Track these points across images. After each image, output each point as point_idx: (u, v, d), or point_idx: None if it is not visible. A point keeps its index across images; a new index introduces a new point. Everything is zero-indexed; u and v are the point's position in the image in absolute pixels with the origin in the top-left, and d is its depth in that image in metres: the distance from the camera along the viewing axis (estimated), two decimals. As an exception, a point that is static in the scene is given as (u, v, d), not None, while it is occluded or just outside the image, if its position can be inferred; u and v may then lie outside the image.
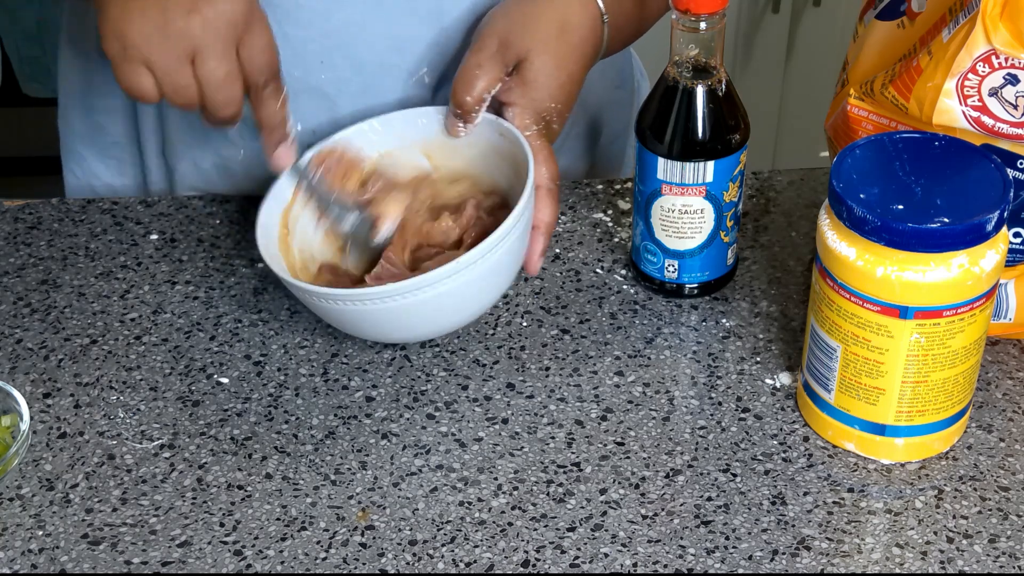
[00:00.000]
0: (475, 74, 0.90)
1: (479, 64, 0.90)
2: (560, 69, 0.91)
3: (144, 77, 0.83)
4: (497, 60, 0.91)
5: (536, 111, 0.91)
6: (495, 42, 0.91)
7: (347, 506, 0.83)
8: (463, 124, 0.93)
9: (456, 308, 0.88)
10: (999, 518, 0.81)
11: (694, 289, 0.96)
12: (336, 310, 0.86)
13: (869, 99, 0.88)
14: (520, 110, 0.91)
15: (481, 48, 0.91)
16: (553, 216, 0.90)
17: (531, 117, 0.91)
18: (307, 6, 0.96)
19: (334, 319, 0.88)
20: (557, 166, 0.91)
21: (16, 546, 0.81)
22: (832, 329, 0.81)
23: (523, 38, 0.90)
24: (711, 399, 0.89)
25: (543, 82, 0.91)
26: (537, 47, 0.90)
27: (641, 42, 1.08)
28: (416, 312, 0.85)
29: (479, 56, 0.91)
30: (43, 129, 1.24)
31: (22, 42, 2.16)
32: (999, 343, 0.93)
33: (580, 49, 0.93)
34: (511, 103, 0.91)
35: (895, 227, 0.76)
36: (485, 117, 0.92)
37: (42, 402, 0.90)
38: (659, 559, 0.79)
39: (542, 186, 0.90)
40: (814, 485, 0.83)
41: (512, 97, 0.91)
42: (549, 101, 0.91)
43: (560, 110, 0.92)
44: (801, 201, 1.06)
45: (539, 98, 0.91)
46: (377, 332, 0.89)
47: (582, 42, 0.93)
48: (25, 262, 1.02)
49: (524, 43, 0.90)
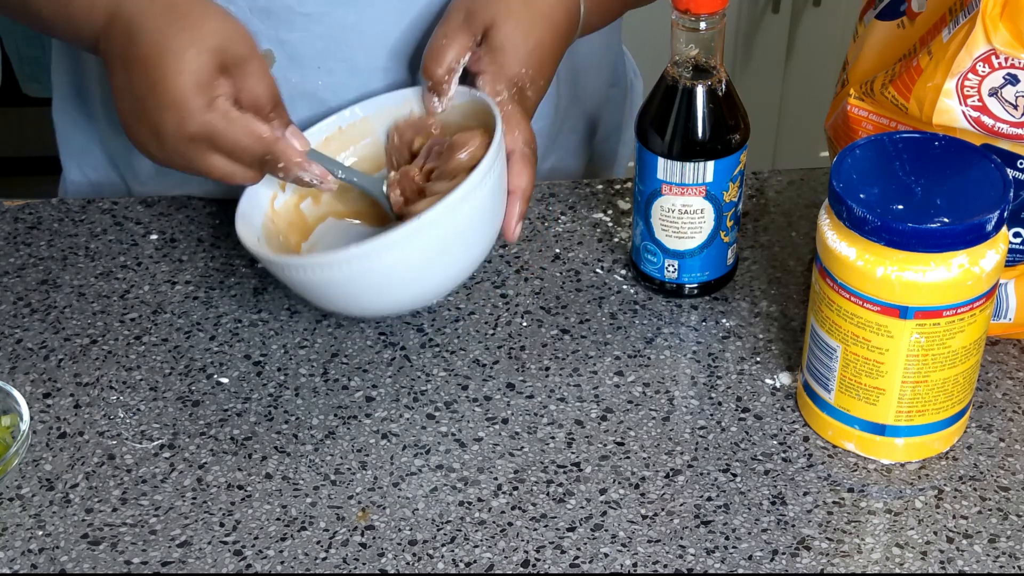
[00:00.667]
0: (442, 44, 0.90)
1: (446, 35, 0.91)
2: (527, 35, 0.91)
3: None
4: (464, 30, 0.91)
5: (507, 77, 0.90)
6: (461, 13, 0.91)
7: (347, 506, 0.83)
8: (438, 98, 0.92)
9: (428, 272, 0.85)
10: (999, 518, 0.81)
11: (694, 289, 0.96)
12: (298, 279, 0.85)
13: (869, 99, 0.88)
14: (490, 77, 0.90)
15: (448, 20, 0.91)
16: (530, 181, 0.89)
17: (502, 83, 0.90)
18: (302, 11, 0.96)
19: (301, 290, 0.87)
20: (532, 131, 0.90)
21: (16, 546, 0.81)
22: (832, 329, 0.81)
23: (487, 6, 0.90)
24: (711, 399, 0.89)
25: (510, 48, 0.90)
26: (501, 14, 0.90)
27: (640, 42, 1.08)
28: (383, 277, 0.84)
29: (446, 27, 0.91)
30: (43, 129, 1.24)
31: (22, 42, 2.16)
32: (999, 343, 0.93)
33: (549, 16, 0.92)
34: (481, 71, 0.91)
35: (895, 227, 0.76)
36: (459, 89, 0.92)
37: (42, 402, 0.90)
38: (659, 559, 0.79)
39: (515, 150, 0.89)
40: (814, 485, 0.83)
41: (481, 65, 0.91)
42: (519, 67, 0.91)
43: (532, 76, 0.91)
44: (801, 201, 1.06)
45: (508, 63, 0.90)
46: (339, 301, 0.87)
47: (551, 9, 0.92)
48: (25, 262, 1.02)
49: (489, 11, 0.90)
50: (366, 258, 0.82)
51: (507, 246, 1.02)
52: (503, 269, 1.00)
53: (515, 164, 0.89)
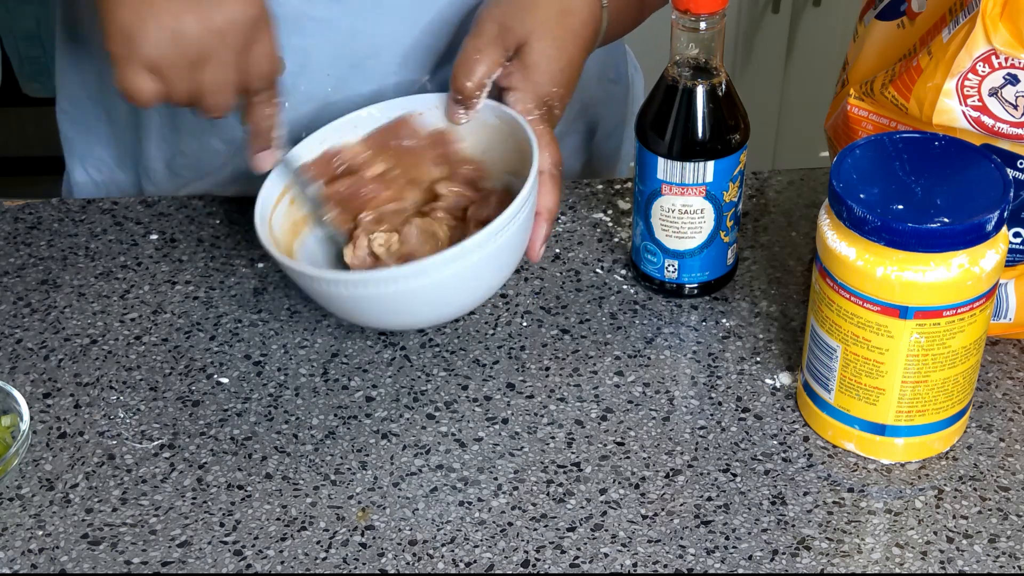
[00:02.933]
0: (475, 59, 0.90)
1: (478, 49, 0.90)
2: (560, 53, 0.91)
3: (145, 80, 0.82)
4: (497, 44, 0.90)
5: (537, 95, 0.90)
6: (495, 27, 0.90)
7: (347, 506, 0.83)
8: (464, 110, 0.92)
9: (458, 294, 0.87)
10: (999, 518, 0.81)
11: (694, 289, 0.96)
12: (333, 295, 0.85)
13: (869, 99, 0.88)
14: (521, 94, 0.90)
15: (480, 33, 0.90)
16: (556, 202, 0.90)
17: (533, 102, 0.90)
18: (312, 16, 0.96)
19: (332, 305, 0.87)
20: (559, 152, 0.91)
21: (16, 546, 0.81)
22: (832, 329, 0.81)
23: (523, 22, 0.90)
24: (711, 399, 0.89)
25: (544, 66, 0.90)
26: (537, 31, 0.90)
27: (640, 41, 1.08)
28: (417, 298, 0.85)
29: (478, 41, 0.90)
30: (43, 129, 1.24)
31: (22, 42, 2.16)
32: (999, 343, 0.93)
33: (580, 34, 0.92)
34: (512, 87, 0.90)
35: (895, 227, 0.76)
36: (486, 103, 0.92)
37: (42, 402, 0.90)
38: (659, 559, 0.79)
39: (544, 171, 0.89)
40: (814, 485, 0.83)
41: (513, 82, 0.90)
42: (550, 85, 0.91)
43: (561, 95, 0.91)
44: (801, 201, 1.06)
45: (540, 82, 0.90)
46: (377, 319, 0.88)
47: (582, 27, 0.92)
48: (25, 262, 1.02)
49: (524, 27, 0.90)
50: (401, 280, 0.83)
51: None
52: (503, 269, 1.00)
53: (544, 185, 0.89)
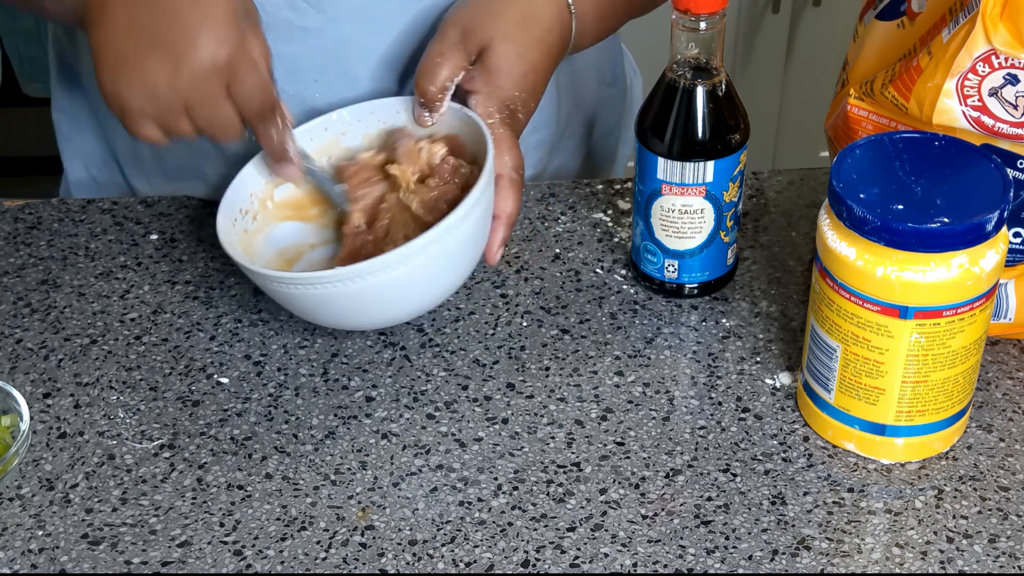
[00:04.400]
0: (437, 62, 0.90)
1: (441, 53, 0.91)
2: (522, 58, 0.91)
3: (150, 129, 0.85)
4: (459, 49, 0.90)
5: (500, 99, 0.91)
6: (457, 31, 0.91)
7: (347, 506, 0.83)
8: (428, 113, 0.93)
9: (409, 294, 0.86)
10: (999, 518, 0.81)
11: (694, 289, 0.96)
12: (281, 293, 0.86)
13: (869, 99, 0.88)
14: (483, 98, 0.90)
15: (443, 37, 0.91)
16: (515, 207, 0.90)
17: (494, 105, 0.90)
18: (300, 25, 0.97)
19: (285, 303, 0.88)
20: (521, 156, 0.91)
21: (16, 546, 0.81)
22: (832, 329, 0.81)
23: (485, 27, 0.90)
24: (711, 399, 0.89)
25: (506, 70, 0.90)
26: (499, 35, 0.90)
27: (639, 41, 1.08)
28: (367, 297, 0.84)
29: (441, 45, 0.91)
30: (43, 129, 1.24)
31: (22, 42, 2.16)
32: (999, 343, 0.93)
33: (544, 39, 0.92)
34: (474, 91, 0.91)
35: (895, 227, 0.76)
36: (451, 106, 0.92)
37: (42, 402, 0.90)
38: (659, 559, 0.79)
39: (504, 175, 0.89)
40: (814, 485, 0.83)
41: (475, 85, 0.91)
42: (512, 89, 0.91)
43: (525, 99, 0.92)
44: (801, 201, 1.06)
45: (502, 86, 0.90)
46: (325, 317, 0.88)
47: (546, 32, 0.92)
48: (25, 262, 1.02)
49: (486, 32, 0.90)
50: (352, 280, 0.83)
51: (507, 246, 1.02)
52: (503, 269, 1.00)
53: (502, 189, 0.89)
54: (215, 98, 0.83)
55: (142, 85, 0.83)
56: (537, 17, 0.92)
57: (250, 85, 0.84)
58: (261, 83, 0.84)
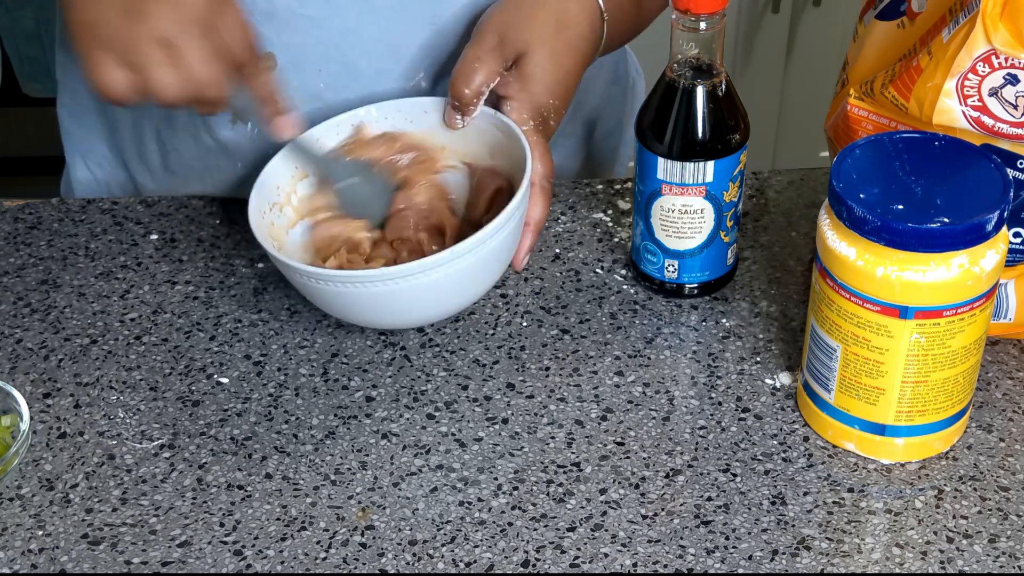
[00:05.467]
0: (474, 67, 0.91)
1: (478, 57, 0.91)
2: (558, 65, 0.91)
3: (116, 72, 0.80)
4: (496, 54, 0.91)
5: (534, 106, 0.91)
6: (494, 37, 0.91)
7: (347, 506, 0.83)
8: (460, 117, 0.93)
9: (442, 298, 0.87)
10: (999, 518, 0.81)
11: (694, 289, 0.96)
12: (319, 290, 0.86)
13: (869, 99, 0.88)
14: (518, 104, 0.91)
15: (480, 42, 0.92)
16: (544, 214, 0.91)
17: (528, 112, 0.91)
18: (303, 14, 0.97)
19: (318, 300, 0.88)
20: (552, 164, 0.92)
21: (16, 546, 0.81)
22: (832, 329, 0.81)
23: (521, 33, 0.91)
24: (711, 399, 0.89)
25: (540, 77, 0.91)
26: (535, 42, 0.91)
27: (640, 41, 1.08)
28: (402, 298, 0.85)
29: (478, 50, 0.91)
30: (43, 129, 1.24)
31: (22, 42, 2.16)
32: (999, 343, 0.93)
33: (577, 46, 0.93)
34: (509, 97, 0.91)
35: (895, 227, 0.76)
36: (483, 110, 0.93)
37: (42, 402, 0.90)
38: (659, 559, 0.79)
39: (535, 183, 0.90)
40: (814, 485, 0.83)
41: (510, 91, 0.91)
42: (547, 97, 0.91)
43: (557, 107, 0.92)
44: (801, 201, 1.06)
45: (537, 92, 0.91)
46: (361, 316, 0.89)
47: (580, 39, 0.93)
48: (25, 262, 1.02)
49: (523, 38, 0.91)
50: (389, 279, 0.83)
51: None
52: (503, 269, 1.00)
53: (534, 196, 0.90)
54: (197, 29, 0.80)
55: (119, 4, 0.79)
56: (571, 24, 0.93)
57: (232, 20, 0.82)
58: (241, 20, 0.83)
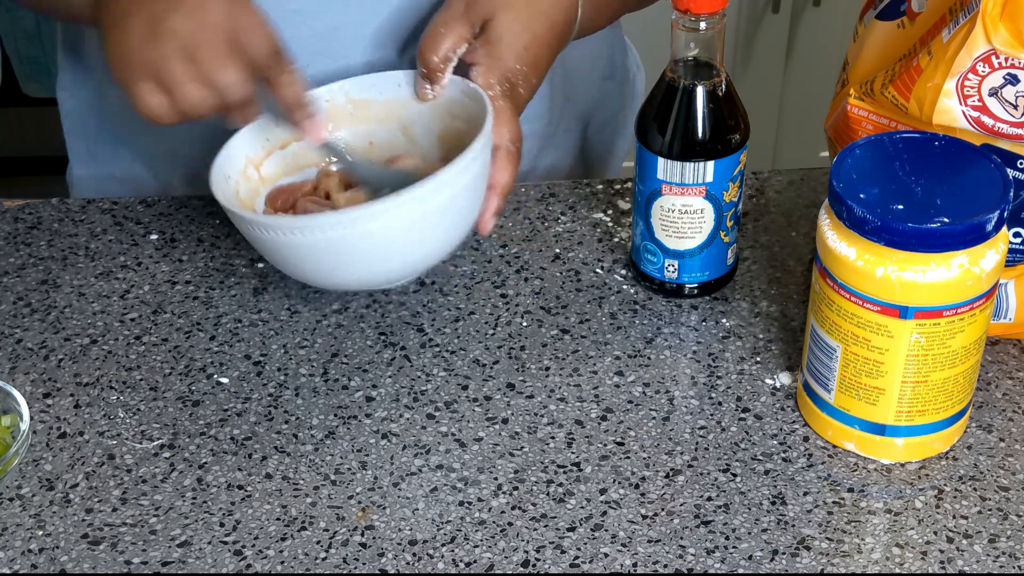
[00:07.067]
0: (440, 32, 0.91)
1: (445, 23, 0.91)
2: (525, 30, 0.91)
3: (153, 96, 0.83)
4: (463, 20, 0.91)
5: (501, 71, 0.91)
6: (462, 3, 0.91)
7: (347, 506, 0.83)
8: (430, 85, 0.93)
9: (396, 249, 0.85)
10: (999, 518, 0.81)
11: (694, 289, 0.96)
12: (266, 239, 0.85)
13: (869, 99, 0.88)
14: (484, 69, 0.90)
15: (448, 8, 0.91)
16: (511, 178, 0.90)
17: (495, 76, 0.90)
18: (292, 8, 0.97)
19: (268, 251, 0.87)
20: (519, 129, 0.90)
21: (16, 546, 0.81)
22: (832, 329, 0.81)
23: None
24: (711, 399, 0.89)
25: (508, 41, 0.90)
26: (502, 6, 0.90)
27: (640, 39, 1.08)
28: (354, 247, 0.83)
29: (445, 15, 0.91)
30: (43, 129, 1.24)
31: (22, 42, 2.16)
32: (999, 343, 0.93)
33: (547, 14, 0.92)
34: (476, 62, 0.91)
35: (895, 227, 0.76)
36: (452, 79, 0.92)
37: (42, 402, 0.90)
38: (659, 559, 0.79)
39: (501, 147, 0.89)
40: (814, 485, 0.83)
41: (477, 57, 0.91)
42: (514, 62, 0.91)
43: (526, 73, 0.92)
44: (801, 201, 1.06)
45: (504, 57, 0.90)
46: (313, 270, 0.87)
47: (550, 8, 0.92)
48: (25, 262, 1.02)
49: (490, 4, 0.90)
50: (340, 225, 0.81)
51: (507, 246, 1.02)
52: (503, 269, 1.00)
53: (499, 160, 0.89)
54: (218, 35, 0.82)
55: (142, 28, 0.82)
56: None
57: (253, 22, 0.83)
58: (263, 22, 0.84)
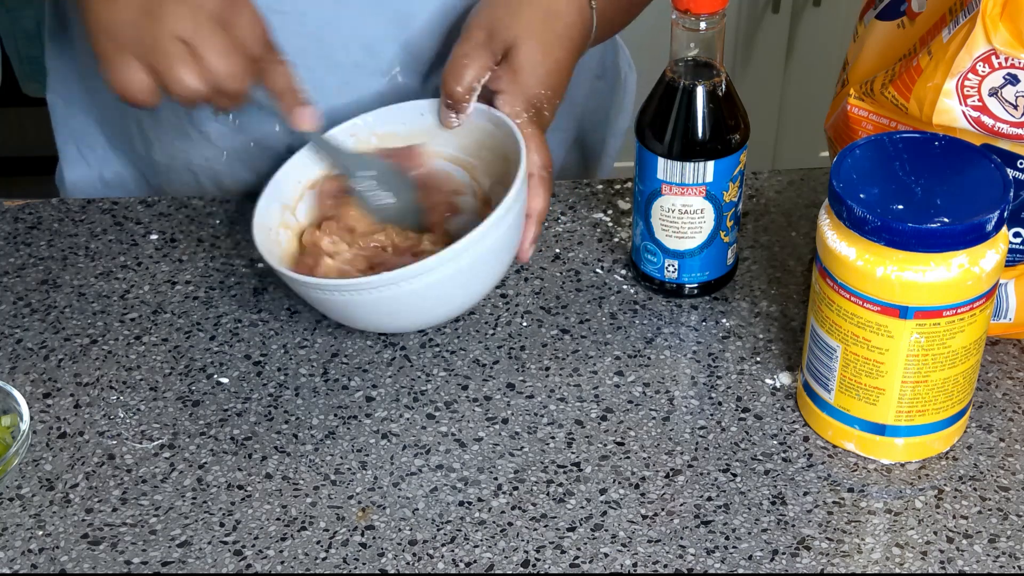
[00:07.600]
0: (463, 63, 0.91)
1: (467, 54, 0.91)
2: (547, 55, 0.91)
3: (136, 73, 0.82)
4: (485, 49, 0.91)
5: (526, 98, 0.91)
6: (482, 32, 0.91)
7: (347, 506, 0.83)
8: (455, 115, 0.93)
9: (448, 297, 0.88)
10: (999, 518, 0.81)
11: (694, 289, 0.96)
12: (323, 299, 0.87)
13: (869, 99, 0.88)
14: (510, 97, 0.91)
15: (468, 38, 0.92)
16: (545, 203, 0.91)
17: (521, 104, 0.91)
18: (280, 10, 0.97)
19: (323, 308, 0.89)
20: (549, 154, 0.91)
21: (16, 546, 0.81)
22: (832, 329, 0.81)
23: (509, 26, 0.91)
24: (711, 399, 0.89)
25: (531, 68, 0.91)
26: (524, 34, 0.91)
27: (638, 39, 1.08)
28: (406, 301, 0.85)
29: (466, 46, 0.91)
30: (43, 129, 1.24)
31: (22, 42, 2.16)
32: (999, 343, 0.93)
33: (567, 36, 0.93)
34: (501, 91, 0.91)
35: (895, 227, 0.76)
36: (477, 107, 0.93)
37: (42, 402, 0.90)
38: (659, 559, 0.79)
39: (534, 174, 0.90)
40: (814, 485, 0.83)
41: (501, 85, 0.91)
42: (538, 87, 0.91)
43: (550, 96, 0.92)
44: (801, 201, 1.06)
45: (528, 84, 0.91)
46: (368, 322, 0.89)
47: (568, 28, 0.93)
48: (25, 262, 1.02)
49: (511, 31, 0.91)
50: (391, 284, 0.83)
51: None
52: (503, 269, 1.00)
53: (533, 187, 0.90)
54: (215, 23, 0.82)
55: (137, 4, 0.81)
56: (560, 14, 0.93)
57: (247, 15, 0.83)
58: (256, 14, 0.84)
